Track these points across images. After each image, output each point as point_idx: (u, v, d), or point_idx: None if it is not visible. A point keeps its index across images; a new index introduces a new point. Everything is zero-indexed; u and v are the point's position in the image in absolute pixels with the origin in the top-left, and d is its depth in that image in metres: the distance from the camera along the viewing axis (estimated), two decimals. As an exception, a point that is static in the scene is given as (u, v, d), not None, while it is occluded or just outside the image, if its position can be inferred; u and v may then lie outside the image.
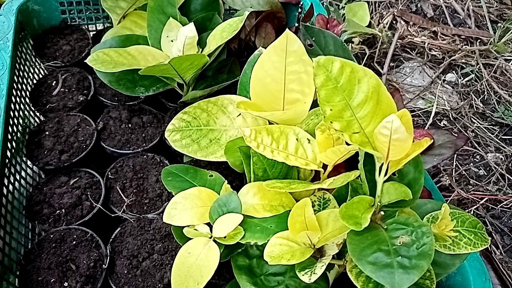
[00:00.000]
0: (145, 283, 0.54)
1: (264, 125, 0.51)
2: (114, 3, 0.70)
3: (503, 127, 1.08)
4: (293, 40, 0.54)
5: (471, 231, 0.44)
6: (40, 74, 0.83)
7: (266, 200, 0.51)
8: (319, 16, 0.74)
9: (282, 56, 0.54)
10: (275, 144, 0.48)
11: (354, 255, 0.37)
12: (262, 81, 0.55)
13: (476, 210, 0.93)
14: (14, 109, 0.69)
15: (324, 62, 0.38)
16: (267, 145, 0.48)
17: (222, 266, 0.51)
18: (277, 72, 0.55)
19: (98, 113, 0.73)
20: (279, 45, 0.54)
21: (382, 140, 0.36)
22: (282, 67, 0.54)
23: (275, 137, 0.49)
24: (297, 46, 0.54)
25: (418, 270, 0.34)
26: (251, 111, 0.53)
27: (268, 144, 0.48)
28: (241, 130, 0.50)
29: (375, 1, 1.34)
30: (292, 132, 0.49)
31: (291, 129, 0.50)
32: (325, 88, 0.38)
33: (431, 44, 1.23)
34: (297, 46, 0.54)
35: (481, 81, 1.16)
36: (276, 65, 0.55)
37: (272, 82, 0.55)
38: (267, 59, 0.55)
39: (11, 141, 0.65)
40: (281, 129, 0.50)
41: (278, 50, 0.54)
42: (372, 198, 0.41)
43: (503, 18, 1.32)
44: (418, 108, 1.12)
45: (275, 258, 0.43)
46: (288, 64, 0.54)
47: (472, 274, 0.50)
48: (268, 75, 0.55)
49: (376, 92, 0.38)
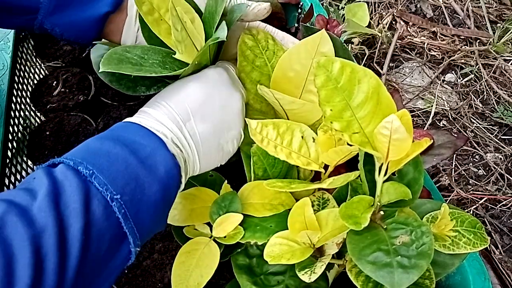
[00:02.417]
0: (145, 283, 0.54)
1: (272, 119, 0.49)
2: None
3: (503, 127, 1.09)
4: (325, 42, 0.52)
5: (471, 231, 0.44)
6: (41, 74, 0.83)
7: (266, 199, 0.51)
8: (319, 17, 0.74)
9: (311, 54, 0.52)
10: (280, 139, 0.48)
11: (354, 254, 0.37)
12: (285, 73, 0.54)
13: (476, 210, 0.93)
14: (15, 109, 0.69)
15: (325, 63, 0.39)
16: (272, 139, 0.47)
17: (222, 265, 0.51)
18: (302, 68, 0.53)
19: (99, 113, 0.73)
20: (311, 42, 0.52)
21: (382, 140, 0.36)
22: (308, 65, 0.53)
23: (281, 132, 0.48)
24: (328, 48, 0.52)
25: (417, 270, 0.34)
26: (274, 92, 0.50)
27: (273, 139, 0.47)
28: (247, 122, 0.48)
29: (374, 2, 1.34)
30: (299, 129, 0.49)
31: (298, 125, 0.49)
32: (325, 89, 0.38)
33: (431, 45, 1.24)
34: (328, 49, 0.52)
35: (481, 81, 1.17)
36: (303, 61, 0.53)
37: (294, 78, 0.54)
38: (296, 52, 0.53)
39: (12, 141, 0.65)
40: (287, 125, 0.49)
41: (308, 47, 0.52)
42: (372, 198, 0.41)
43: (502, 18, 1.33)
44: (417, 108, 1.12)
45: (275, 258, 0.43)
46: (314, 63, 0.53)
47: (472, 274, 0.51)
48: (292, 69, 0.53)
49: (376, 92, 0.39)
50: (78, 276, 0.33)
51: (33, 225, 0.31)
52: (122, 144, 0.39)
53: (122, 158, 0.38)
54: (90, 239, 0.34)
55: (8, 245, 0.30)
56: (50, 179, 0.35)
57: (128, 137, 0.41)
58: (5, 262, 0.29)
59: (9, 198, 0.33)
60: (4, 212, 0.31)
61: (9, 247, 0.30)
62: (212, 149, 0.47)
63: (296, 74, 0.54)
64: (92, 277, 0.35)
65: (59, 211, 0.33)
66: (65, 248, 0.32)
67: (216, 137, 0.47)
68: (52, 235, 0.31)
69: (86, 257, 0.33)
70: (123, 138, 0.40)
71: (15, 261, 0.30)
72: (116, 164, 0.38)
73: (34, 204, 0.33)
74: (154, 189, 0.39)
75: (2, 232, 0.30)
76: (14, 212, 0.32)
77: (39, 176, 0.35)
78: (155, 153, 0.40)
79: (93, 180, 0.35)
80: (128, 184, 0.37)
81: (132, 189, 0.37)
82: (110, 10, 0.53)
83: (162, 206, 0.41)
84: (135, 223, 0.37)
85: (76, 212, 0.33)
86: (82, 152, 0.39)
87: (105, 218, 0.35)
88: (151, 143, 0.41)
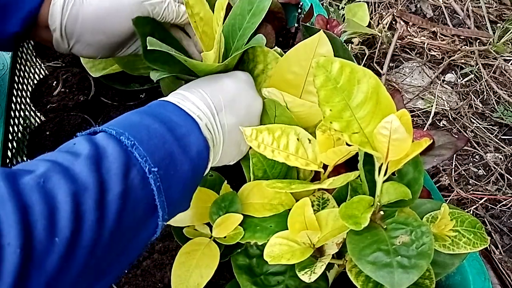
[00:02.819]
0: (145, 283, 0.54)
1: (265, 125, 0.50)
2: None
3: (502, 127, 1.09)
4: (324, 43, 0.52)
5: (471, 231, 0.44)
6: (41, 74, 0.83)
7: (265, 199, 0.51)
8: (319, 17, 0.74)
9: (310, 55, 0.53)
10: (276, 143, 0.48)
11: (354, 254, 0.37)
12: (284, 75, 0.54)
13: (476, 210, 0.93)
14: (15, 109, 0.69)
15: (324, 63, 0.39)
16: (268, 144, 0.48)
17: (222, 265, 0.51)
18: (301, 70, 0.54)
19: (99, 113, 0.73)
20: (309, 43, 0.53)
21: (382, 140, 0.36)
22: (307, 67, 0.53)
23: (276, 137, 0.49)
24: (327, 49, 0.53)
25: (417, 270, 0.34)
26: (285, 94, 0.51)
27: (269, 144, 0.48)
28: (241, 129, 0.50)
29: (374, 2, 1.34)
30: (293, 131, 0.49)
31: (292, 128, 0.50)
32: (325, 89, 0.38)
33: (431, 45, 1.24)
34: (326, 50, 0.53)
35: (481, 81, 1.17)
36: (302, 63, 0.53)
37: (293, 79, 0.54)
38: (295, 55, 0.54)
39: (12, 141, 0.65)
40: (282, 128, 0.49)
41: (307, 49, 0.53)
42: (372, 198, 0.41)
43: (502, 18, 1.33)
44: (417, 108, 1.12)
45: (275, 258, 0.44)
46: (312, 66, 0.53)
47: (472, 274, 0.51)
48: (291, 71, 0.54)
49: (375, 92, 0.39)
50: (111, 238, 0.34)
51: (75, 183, 0.33)
52: (161, 121, 0.41)
53: (160, 134, 0.40)
54: (126, 205, 0.35)
55: (52, 197, 0.31)
56: (92, 144, 0.36)
57: (166, 115, 0.43)
58: (48, 212, 0.31)
59: (51, 158, 0.35)
60: (49, 169, 0.33)
61: (52, 199, 0.31)
62: (232, 142, 0.50)
63: (295, 76, 0.54)
64: (123, 243, 0.36)
65: (100, 174, 0.34)
66: (104, 209, 0.33)
67: (238, 132, 0.50)
68: (92, 195, 0.33)
69: (121, 221, 0.35)
70: (162, 115, 0.42)
71: (58, 213, 0.31)
72: (155, 139, 0.39)
73: (76, 164, 0.34)
74: (185, 167, 0.41)
75: (46, 185, 0.32)
76: (57, 169, 0.33)
77: (80, 142, 0.37)
78: (190, 134, 0.43)
79: (134, 151, 0.37)
80: (164, 159, 0.39)
81: (167, 164, 0.39)
82: (18, 30, 0.53)
83: (190, 185, 0.43)
84: (166, 197, 0.39)
85: (116, 178, 0.35)
86: (124, 123, 0.40)
87: (141, 188, 0.37)
88: (187, 123, 0.43)
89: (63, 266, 0.31)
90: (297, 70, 0.54)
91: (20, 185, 0.31)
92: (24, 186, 0.31)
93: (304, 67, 0.53)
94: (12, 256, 0.28)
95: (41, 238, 0.30)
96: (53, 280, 0.30)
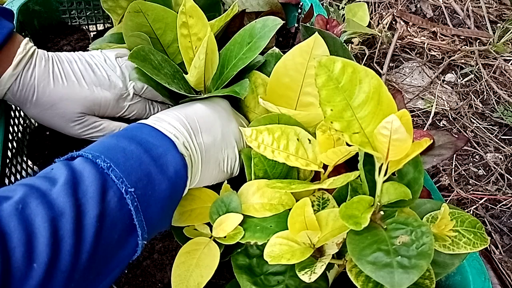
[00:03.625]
0: (145, 283, 0.54)
1: (266, 125, 0.50)
2: (115, 3, 0.70)
3: (502, 127, 1.09)
4: (319, 44, 0.53)
5: (471, 231, 0.44)
6: (41, 74, 0.83)
7: (265, 199, 0.51)
8: (318, 17, 0.74)
9: (306, 58, 0.53)
10: (276, 144, 0.49)
11: (354, 254, 0.37)
12: (281, 80, 0.55)
13: (476, 210, 0.93)
14: (15, 109, 0.69)
15: (326, 62, 0.38)
16: (268, 145, 0.48)
17: (222, 265, 0.51)
18: (297, 73, 0.54)
19: (99, 113, 0.73)
20: (305, 46, 0.53)
21: (382, 141, 0.36)
22: (303, 70, 0.54)
23: (276, 137, 0.49)
24: (322, 51, 0.53)
25: (417, 270, 0.34)
26: (270, 104, 0.52)
27: (269, 144, 0.48)
28: (241, 130, 0.50)
29: (374, 2, 1.34)
30: (293, 132, 0.49)
31: (292, 129, 0.50)
32: (326, 88, 0.38)
33: (431, 45, 1.24)
34: (321, 51, 0.53)
35: (481, 81, 1.17)
36: (298, 67, 0.54)
37: (290, 83, 0.55)
38: (291, 59, 0.54)
39: (12, 141, 0.65)
40: (282, 129, 0.49)
41: (303, 52, 0.54)
42: (372, 198, 0.41)
43: (502, 18, 1.33)
44: (417, 108, 1.12)
45: (275, 258, 0.43)
46: (309, 67, 0.54)
47: (472, 274, 0.50)
48: (288, 75, 0.54)
49: (377, 92, 0.39)
50: (90, 261, 0.35)
51: (52, 208, 0.34)
52: (137, 142, 0.42)
53: (137, 155, 0.41)
54: (104, 227, 0.36)
55: (30, 224, 0.32)
56: (69, 169, 0.37)
57: (142, 137, 0.43)
58: (26, 239, 0.31)
59: (29, 182, 0.36)
60: (26, 194, 0.34)
61: (30, 225, 0.32)
62: (211, 161, 0.51)
63: (292, 79, 0.55)
64: (102, 264, 0.37)
65: (77, 198, 0.35)
66: (81, 233, 0.34)
67: (216, 151, 0.51)
68: (69, 220, 0.34)
69: (99, 243, 0.35)
70: (138, 137, 0.43)
71: (35, 239, 0.32)
72: (131, 160, 0.40)
73: (53, 190, 0.35)
74: (163, 186, 0.42)
75: (24, 211, 0.33)
76: (35, 195, 0.34)
77: (58, 167, 0.38)
78: (166, 153, 0.43)
79: (110, 173, 0.38)
80: (141, 179, 0.40)
81: (144, 184, 0.40)
82: None
83: (169, 204, 0.43)
84: (145, 217, 0.39)
85: (93, 201, 0.36)
86: (99, 147, 0.41)
87: (119, 208, 0.37)
88: (163, 143, 0.44)
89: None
90: (294, 72, 0.54)
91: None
92: (2, 213, 0.32)
93: (300, 69, 0.54)
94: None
95: (19, 265, 0.30)
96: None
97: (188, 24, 0.54)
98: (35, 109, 0.57)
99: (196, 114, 0.51)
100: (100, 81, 0.59)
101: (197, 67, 0.53)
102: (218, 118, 0.53)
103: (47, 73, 0.57)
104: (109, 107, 0.60)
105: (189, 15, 0.54)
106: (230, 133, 0.54)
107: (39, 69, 0.56)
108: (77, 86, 0.58)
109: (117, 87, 0.60)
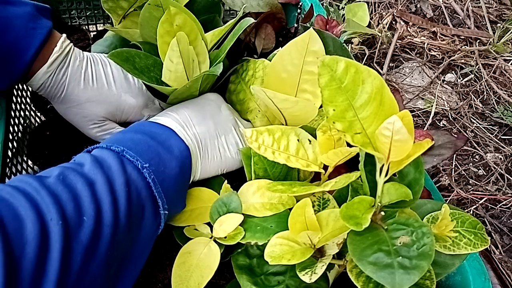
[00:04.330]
0: (146, 283, 0.54)
1: (266, 126, 0.50)
2: (115, 3, 0.69)
3: (502, 127, 1.09)
4: (315, 40, 0.53)
5: (471, 232, 0.44)
6: (41, 74, 0.82)
7: (266, 198, 0.51)
8: (318, 17, 0.74)
9: (302, 53, 0.53)
10: (276, 145, 0.48)
11: (355, 255, 0.37)
12: (278, 75, 0.55)
13: (476, 210, 0.93)
14: (15, 109, 0.69)
15: (329, 62, 0.38)
16: (268, 146, 0.48)
17: (222, 265, 0.51)
18: (294, 68, 0.54)
19: (99, 113, 0.73)
20: (300, 41, 0.53)
21: (384, 141, 0.36)
22: (300, 65, 0.54)
23: (276, 138, 0.49)
24: (318, 47, 0.53)
25: (418, 271, 0.34)
26: (266, 90, 0.51)
27: (269, 145, 0.48)
28: (242, 131, 0.50)
29: (374, 2, 1.34)
30: (293, 132, 0.49)
31: (292, 129, 0.50)
32: (329, 88, 0.38)
33: (431, 45, 1.24)
34: (318, 47, 0.53)
35: (481, 81, 1.17)
36: (295, 61, 0.54)
37: (287, 78, 0.54)
38: (287, 53, 0.54)
39: (12, 141, 0.65)
40: (282, 130, 0.49)
41: (299, 47, 0.53)
42: (373, 199, 0.41)
43: (502, 18, 1.33)
44: (417, 108, 1.12)
45: (276, 258, 0.43)
46: (305, 63, 0.53)
47: (472, 274, 0.51)
48: (285, 70, 0.54)
49: (379, 93, 0.38)
50: (127, 221, 0.40)
51: (87, 178, 0.40)
52: (142, 132, 0.48)
53: (144, 141, 0.47)
54: (131, 192, 0.42)
55: (73, 188, 0.38)
56: (91, 155, 0.43)
57: (145, 129, 0.49)
58: (73, 198, 0.37)
59: (60, 166, 0.41)
60: (63, 171, 0.40)
61: (73, 189, 0.38)
62: (209, 147, 0.54)
63: (289, 75, 0.54)
64: (135, 231, 0.42)
65: (104, 171, 0.41)
66: (115, 194, 0.40)
67: (211, 138, 0.54)
68: (103, 185, 0.40)
69: (130, 207, 0.41)
70: (141, 129, 0.49)
71: (80, 198, 0.38)
72: (140, 145, 0.46)
73: (83, 168, 0.41)
74: (173, 164, 0.47)
75: (65, 180, 0.39)
76: (70, 171, 0.40)
77: (80, 156, 0.44)
78: (170, 138, 0.49)
79: (125, 154, 0.44)
80: (152, 158, 0.45)
81: (156, 162, 0.45)
82: None
83: (180, 180, 0.49)
84: (162, 189, 0.45)
85: (118, 172, 0.42)
86: (110, 140, 0.47)
87: (140, 179, 0.43)
88: (165, 131, 0.50)
89: (94, 241, 0.37)
90: (291, 68, 0.54)
91: (46, 181, 0.38)
92: (49, 182, 0.38)
93: (297, 66, 0.54)
94: (56, 227, 0.34)
95: (73, 216, 0.36)
96: (89, 252, 0.36)
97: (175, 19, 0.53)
98: (61, 104, 0.60)
99: (187, 110, 0.55)
100: (130, 87, 0.61)
101: (172, 71, 0.54)
102: (208, 110, 0.56)
103: (79, 73, 0.58)
104: (131, 114, 0.62)
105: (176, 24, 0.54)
106: (223, 121, 0.56)
107: (72, 68, 0.58)
108: (106, 89, 0.59)
109: (144, 96, 0.62)
